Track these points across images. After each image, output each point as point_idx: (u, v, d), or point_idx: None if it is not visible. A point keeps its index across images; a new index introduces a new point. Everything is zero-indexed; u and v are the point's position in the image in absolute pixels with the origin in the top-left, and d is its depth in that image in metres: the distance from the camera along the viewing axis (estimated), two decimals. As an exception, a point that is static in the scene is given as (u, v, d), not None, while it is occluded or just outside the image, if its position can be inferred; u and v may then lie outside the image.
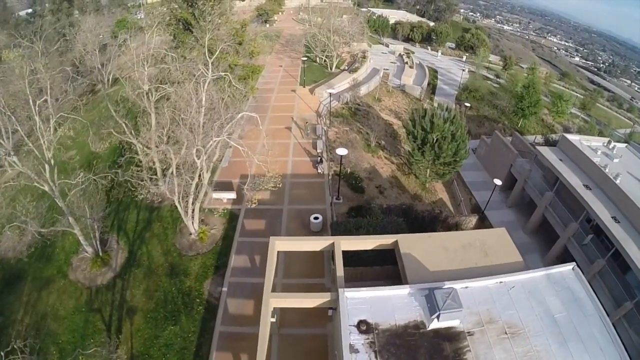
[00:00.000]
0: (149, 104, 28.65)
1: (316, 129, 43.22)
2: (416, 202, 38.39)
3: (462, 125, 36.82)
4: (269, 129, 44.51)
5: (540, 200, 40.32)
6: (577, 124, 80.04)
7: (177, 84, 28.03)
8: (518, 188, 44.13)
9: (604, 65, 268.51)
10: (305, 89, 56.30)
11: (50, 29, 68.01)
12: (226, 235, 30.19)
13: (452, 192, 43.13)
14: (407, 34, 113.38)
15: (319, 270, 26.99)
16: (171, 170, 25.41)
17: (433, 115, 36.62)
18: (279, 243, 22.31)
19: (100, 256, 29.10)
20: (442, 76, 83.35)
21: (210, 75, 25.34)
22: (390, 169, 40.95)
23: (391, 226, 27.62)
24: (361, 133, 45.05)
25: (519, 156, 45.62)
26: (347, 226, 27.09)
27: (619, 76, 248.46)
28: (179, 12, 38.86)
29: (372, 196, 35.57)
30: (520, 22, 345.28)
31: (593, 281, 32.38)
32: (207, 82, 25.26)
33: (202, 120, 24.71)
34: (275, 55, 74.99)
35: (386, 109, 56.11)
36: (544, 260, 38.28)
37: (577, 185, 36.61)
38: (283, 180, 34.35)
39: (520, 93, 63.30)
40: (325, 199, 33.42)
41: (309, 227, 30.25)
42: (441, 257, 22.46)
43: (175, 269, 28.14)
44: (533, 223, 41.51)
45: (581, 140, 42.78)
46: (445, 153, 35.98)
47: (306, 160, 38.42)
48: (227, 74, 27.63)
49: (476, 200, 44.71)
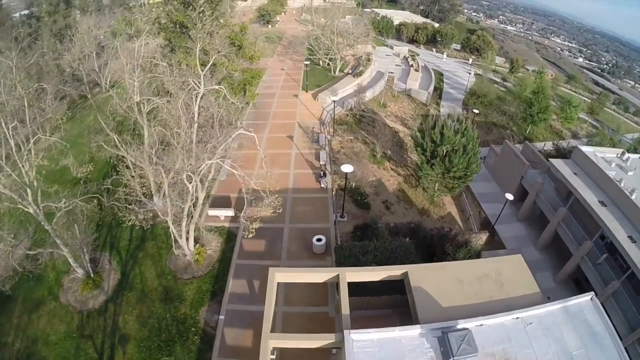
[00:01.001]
0: (140, 116, 26.86)
1: (319, 138, 41.43)
2: (424, 217, 36.67)
3: (474, 137, 34.99)
4: (269, 137, 42.84)
5: (553, 216, 38.51)
6: (585, 129, 78.27)
7: (169, 95, 26.15)
8: (529, 201, 42.26)
9: (608, 67, 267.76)
10: (308, 93, 54.51)
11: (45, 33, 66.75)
12: (223, 257, 28.47)
13: (460, 205, 41.34)
14: (412, 36, 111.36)
15: (322, 297, 25.28)
16: (163, 191, 23.64)
17: (443, 126, 34.74)
18: (279, 275, 20.57)
19: (91, 277, 27.53)
20: (448, 79, 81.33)
21: (203, 88, 23.53)
22: (396, 181, 39.17)
23: (400, 250, 25.89)
24: (366, 142, 43.24)
25: (530, 167, 43.76)
26: (353, 251, 25.32)
27: (623, 77, 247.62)
28: (175, 15, 37.05)
29: (378, 212, 33.84)
30: (523, 22, 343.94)
31: (606, 303, 30.92)
32: (200, 96, 23.48)
33: (195, 137, 22.92)
34: (277, 57, 73.14)
35: (392, 116, 54.26)
36: (556, 279, 36.80)
37: (593, 202, 34.83)
38: (284, 196, 32.77)
39: (529, 99, 61.44)
40: (329, 217, 31.64)
41: (311, 248, 28.49)
42: (454, 291, 20.80)
43: (169, 293, 26.48)
44: (545, 239, 39.69)
45: (595, 152, 41.03)
46: (457, 167, 34.14)
47: (308, 173, 36.63)
48: (222, 87, 25.67)
49: (485, 214, 42.87)
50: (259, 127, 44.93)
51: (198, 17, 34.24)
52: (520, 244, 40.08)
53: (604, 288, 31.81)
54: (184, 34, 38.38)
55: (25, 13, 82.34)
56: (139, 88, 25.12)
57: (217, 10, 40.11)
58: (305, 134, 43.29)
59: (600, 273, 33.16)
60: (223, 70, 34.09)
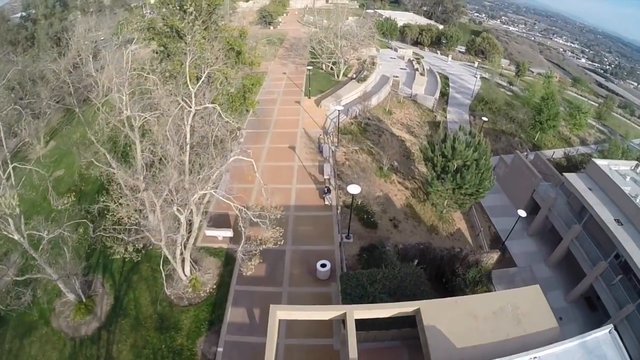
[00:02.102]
0: (131, 132, 25.12)
1: (323, 149, 39.74)
2: (433, 235, 35.04)
3: (487, 152, 33.29)
4: (270, 148, 41.15)
5: (566, 234, 36.90)
6: (593, 135, 76.72)
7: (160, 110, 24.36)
8: (541, 216, 40.62)
9: (610, 67, 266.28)
10: (311, 100, 52.81)
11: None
12: (222, 282, 26.78)
13: (470, 220, 39.67)
14: (416, 38, 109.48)
15: (327, 329, 23.56)
16: (156, 215, 21.97)
17: (455, 139, 33.02)
18: (281, 312, 18.90)
19: (84, 302, 25.96)
20: (454, 83, 79.50)
21: (195, 107, 21.79)
22: (404, 195, 37.50)
23: (409, 279, 24.26)
24: (372, 153, 41.52)
25: (542, 180, 42.16)
26: (360, 280, 23.65)
27: (626, 78, 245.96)
28: (170, 19, 35.30)
29: (386, 231, 32.21)
30: (525, 23, 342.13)
31: (620, 325, 29.36)
32: (192, 115, 21.76)
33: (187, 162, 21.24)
34: (278, 61, 71.47)
35: (397, 123, 52.50)
36: (567, 297, 35.29)
37: (609, 221, 33.24)
38: (286, 214, 31.14)
39: (539, 105, 59.71)
40: (334, 238, 29.98)
41: (315, 273, 26.83)
42: (469, 328, 19.19)
43: (165, 321, 24.81)
44: (557, 256, 38.09)
45: (610, 165, 39.43)
46: (469, 184, 32.44)
47: (312, 189, 34.93)
48: (216, 105, 23.83)
49: (496, 229, 41.28)
50: (260, 136, 43.30)
51: (188, 26, 32.29)
52: (531, 261, 38.68)
53: (618, 311, 30.35)
54: (182, 39, 36.71)
55: (22, 15, 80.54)
56: (129, 102, 23.38)
57: (215, 14, 38.35)
58: (308, 144, 41.62)
59: (614, 294, 31.63)
60: (218, 85, 32.01)
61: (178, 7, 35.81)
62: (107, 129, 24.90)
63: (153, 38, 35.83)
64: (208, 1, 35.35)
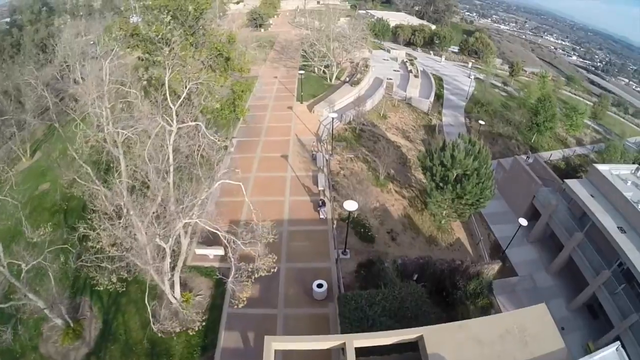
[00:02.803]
0: (115, 148, 23.68)
1: (316, 158, 38.46)
2: (432, 246, 33.90)
3: (488, 160, 32.17)
4: (262, 158, 39.72)
5: (567, 241, 35.97)
6: (589, 135, 76.16)
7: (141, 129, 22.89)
8: (542, 223, 39.64)
9: (601, 64, 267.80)
10: (303, 105, 51.41)
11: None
12: (214, 304, 25.41)
13: (469, 228, 38.56)
14: (409, 38, 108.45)
15: (324, 356, 22.26)
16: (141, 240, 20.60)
17: (454, 148, 31.83)
18: (277, 344, 17.64)
19: (71, 327, 24.67)
20: (448, 84, 78.49)
21: (176, 126, 20.40)
22: (402, 205, 36.31)
23: (411, 299, 23.12)
24: (367, 161, 40.29)
25: (542, 186, 41.21)
26: (359, 302, 22.43)
27: (617, 75, 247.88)
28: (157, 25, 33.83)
29: (384, 245, 31.03)
30: (516, 21, 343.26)
31: (624, 336, 28.90)
32: (173, 135, 20.37)
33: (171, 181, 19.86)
34: (269, 64, 70.02)
35: (393, 128, 51.31)
36: (569, 306, 34.40)
37: (611, 229, 32.40)
38: (280, 229, 29.83)
39: (535, 107, 58.84)
40: (330, 254, 28.65)
41: (311, 293, 25.52)
42: (474, 354, 18.15)
43: (155, 347, 23.47)
44: (558, 264, 37.17)
45: (611, 170, 38.62)
46: (470, 194, 31.27)
47: (306, 201, 33.60)
48: (199, 123, 22.35)
49: (495, 237, 40.23)
50: (251, 145, 41.88)
51: (166, 36, 30.71)
52: (532, 269, 37.75)
53: (621, 321, 29.59)
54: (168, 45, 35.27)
55: (8, 21, 78.55)
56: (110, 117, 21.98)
57: (203, 19, 36.86)
58: (301, 152, 40.25)
59: (618, 303, 30.85)
60: (202, 100, 30.31)
61: (165, 12, 34.43)
62: (87, 147, 23.39)
63: (137, 45, 34.36)
64: (194, 5, 33.93)
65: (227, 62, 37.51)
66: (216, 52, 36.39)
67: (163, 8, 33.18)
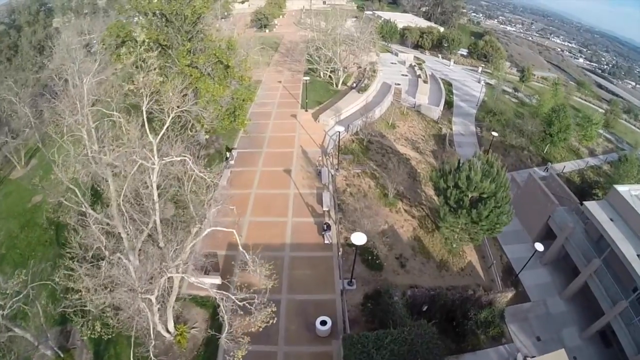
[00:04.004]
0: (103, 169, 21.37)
1: (321, 173, 36.14)
2: (443, 272, 31.60)
3: (506, 183, 29.77)
4: (263, 172, 37.35)
5: (584, 267, 33.81)
6: (601, 144, 73.45)
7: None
8: (557, 244, 37.36)
9: (608, 67, 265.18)
10: (308, 113, 49.08)
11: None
12: (210, 338, 23.06)
13: (481, 250, 36.23)
14: (417, 41, 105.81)
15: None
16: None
17: (470, 169, 29.38)
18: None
19: (62, 358, 22.96)
20: (458, 90, 75.82)
21: (159, 161, 18.09)
22: (411, 226, 33.94)
23: (421, 341, 20.85)
24: (375, 177, 37.88)
25: (558, 206, 38.88)
26: (365, 344, 20.17)
27: (623, 78, 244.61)
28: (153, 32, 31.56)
29: (392, 273, 28.74)
30: (522, 22, 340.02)
31: None
32: (156, 173, 18.05)
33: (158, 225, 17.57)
34: (273, 67, 67.66)
35: (402, 138, 48.80)
36: (583, 335, 32.35)
37: (631, 257, 30.19)
38: (281, 254, 27.70)
39: (549, 117, 56.36)
40: (335, 284, 26.32)
41: (313, 328, 23.27)
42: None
43: (149, 383, 21.29)
44: (572, 290, 35.02)
45: (630, 191, 36.34)
46: (485, 221, 28.87)
47: (309, 223, 31.24)
48: (187, 156, 19.85)
49: (508, 258, 37.96)
50: (252, 157, 39.54)
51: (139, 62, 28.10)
52: (545, 294, 35.63)
53: (636, 354, 27.82)
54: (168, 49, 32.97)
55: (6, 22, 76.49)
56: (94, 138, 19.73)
57: (201, 23, 34.41)
58: (305, 167, 37.87)
59: (633, 334, 28.89)
60: (190, 131, 27.22)
61: (159, 16, 32.20)
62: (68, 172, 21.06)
63: (130, 52, 32.08)
64: (192, 9, 31.57)
65: (226, 70, 35.06)
66: (215, 59, 33.99)
67: (159, 12, 30.95)
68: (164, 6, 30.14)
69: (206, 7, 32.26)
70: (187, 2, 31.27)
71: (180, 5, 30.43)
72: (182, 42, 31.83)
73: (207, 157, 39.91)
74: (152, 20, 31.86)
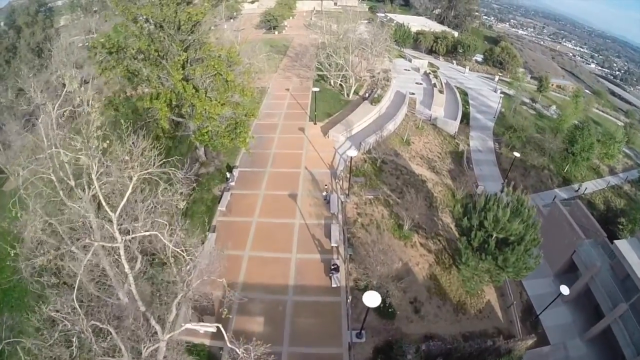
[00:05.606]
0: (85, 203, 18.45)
1: (330, 200, 33.13)
2: (460, 315, 28.64)
3: (536, 225, 26.66)
4: (266, 196, 34.39)
5: (610, 312, 30.96)
6: (621, 161, 69.95)
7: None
8: (581, 284, 34.44)
9: (620, 73, 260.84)
10: (317, 127, 46.05)
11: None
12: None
13: (501, 287, 33.16)
14: (431, 46, 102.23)
15: None
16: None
17: (497, 206, 26.21)
18: None
19: None
20: (474, 100, 72.06)
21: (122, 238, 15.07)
22: (427, 263, 30.90)
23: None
24: (389, 204, 34.80)
25: (584, 239, 35.88)
26: None
27: (635, 84, 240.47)
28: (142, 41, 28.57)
29: (405, 320, 25.85)
30: (534, 26, 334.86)
31: None
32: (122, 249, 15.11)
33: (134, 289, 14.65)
34: (281, 72, 64.66)
35: (417, 156, 45.48)
36: (603, 382, 29.39)
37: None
38: (283, 298, 24.83)
39: (572, 134, 53.02)
40: (342, 336, 23.41)
41: (318, 392, 20.47)
42: None
43: None
44: (594, 332, 32.24)
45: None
46: (512, 267, 25.71)
47: (316, 260, 28.25)
48: (157, 232, 16.64)
49: (527, 296, 34.95)
50: (255, 178, 36.50)
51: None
52: (566, 335, 32.82)
53: None
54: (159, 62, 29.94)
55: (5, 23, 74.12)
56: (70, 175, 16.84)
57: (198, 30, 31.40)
58: (313, 191, 34.81)
59: None
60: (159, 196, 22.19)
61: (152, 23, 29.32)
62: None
63: (115, 67, 29.07)
64: (187, 15, 28.49)
65: (226, 83, 31.76)
66: (213, 71, 30.80)
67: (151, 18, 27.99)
68: (155, 12, 27.15)
69: (202, 14, 29.17)
70: (181, 8, 28.30)
71: (174, 12, 27.43)
72: (178, 51, 28.77)
73: (206, 176, 37.12)
74: (143, 27, 28.93)
